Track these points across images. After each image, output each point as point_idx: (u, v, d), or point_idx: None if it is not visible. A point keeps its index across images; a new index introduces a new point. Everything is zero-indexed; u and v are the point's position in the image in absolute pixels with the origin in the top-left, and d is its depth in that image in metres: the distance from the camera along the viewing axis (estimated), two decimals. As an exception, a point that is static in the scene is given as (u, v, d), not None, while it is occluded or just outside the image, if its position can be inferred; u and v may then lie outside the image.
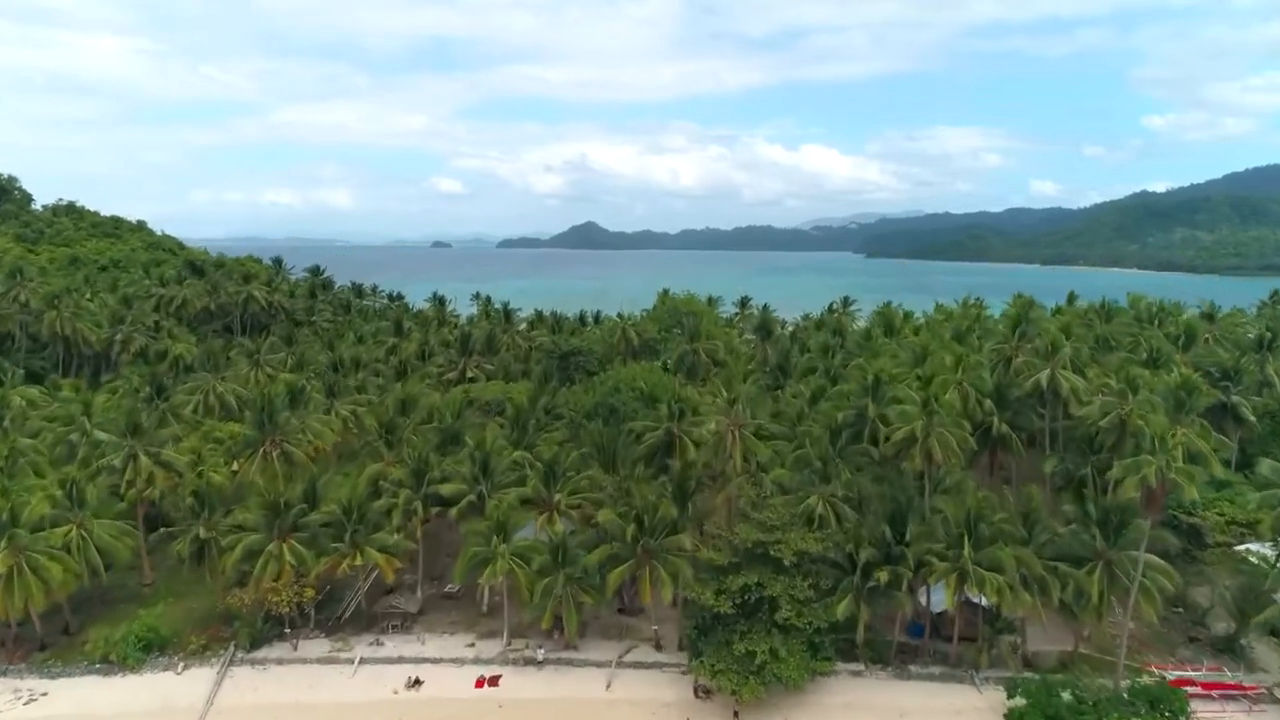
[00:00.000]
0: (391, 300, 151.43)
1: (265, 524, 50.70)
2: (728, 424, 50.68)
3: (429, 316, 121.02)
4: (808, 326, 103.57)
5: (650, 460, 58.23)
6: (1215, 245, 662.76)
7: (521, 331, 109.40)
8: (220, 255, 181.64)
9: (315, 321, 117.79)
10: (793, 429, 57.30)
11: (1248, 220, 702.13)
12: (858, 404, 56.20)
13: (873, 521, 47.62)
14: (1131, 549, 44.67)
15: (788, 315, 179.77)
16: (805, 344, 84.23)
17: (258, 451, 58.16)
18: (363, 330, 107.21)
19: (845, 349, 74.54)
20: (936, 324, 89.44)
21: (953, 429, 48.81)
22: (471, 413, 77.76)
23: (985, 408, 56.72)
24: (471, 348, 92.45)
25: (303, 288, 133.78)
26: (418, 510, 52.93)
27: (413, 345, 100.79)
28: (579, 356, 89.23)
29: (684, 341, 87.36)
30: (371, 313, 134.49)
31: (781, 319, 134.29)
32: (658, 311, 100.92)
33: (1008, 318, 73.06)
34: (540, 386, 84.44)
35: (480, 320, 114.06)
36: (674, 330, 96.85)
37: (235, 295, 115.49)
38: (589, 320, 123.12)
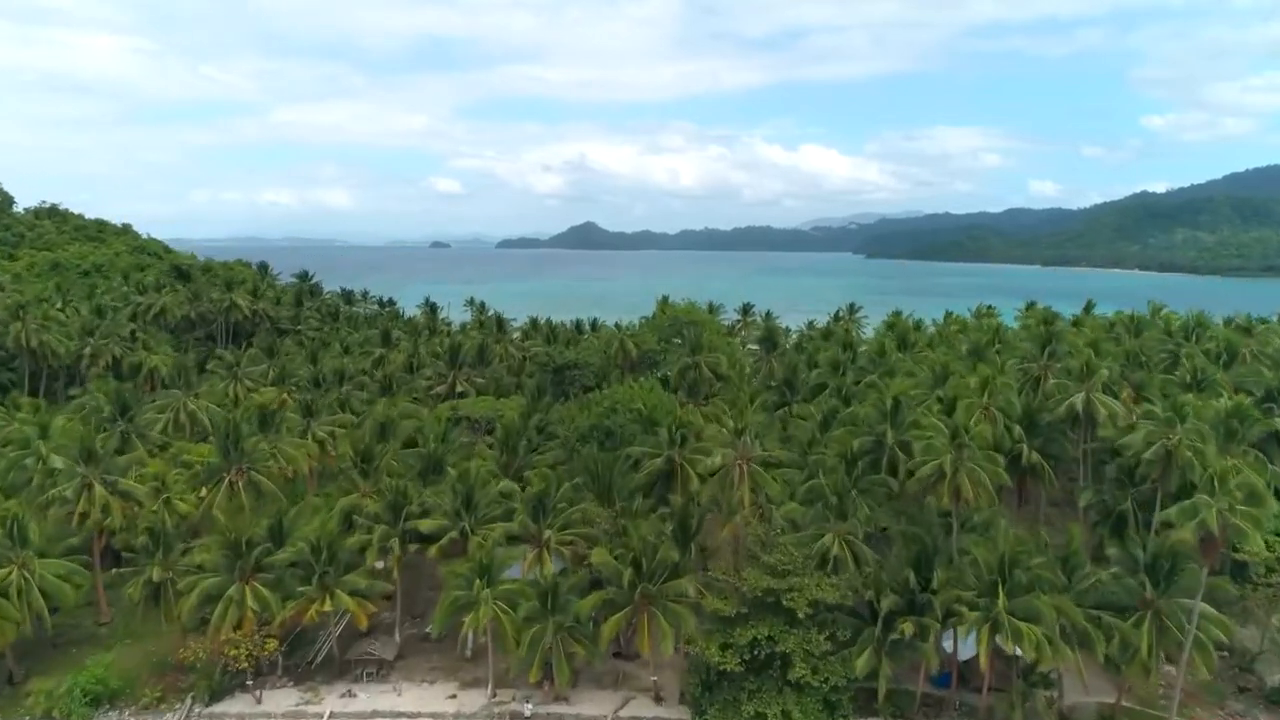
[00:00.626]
0: (382, 306, 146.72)
1: (225, 564, 46.11)
2: (734, 457, 46.16)
3: (419, 325, 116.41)
4: (814, 336, 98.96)
5: (649, 490, 53.70)
6: (1217, 246, 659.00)
7: (515, 341, 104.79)
8: (208, 259, 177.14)
9: (301, 330, 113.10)
10: (803, 456, 52.76)
11: (1249, 221, 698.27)
12: (875, 430, 51.66)
13: (895, 565, 43.09)
14: (1184, 596, 40.19)
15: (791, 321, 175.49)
16: (813, 357, 79.63)
17: (222, 481, 53.55)
18: (349, 340, 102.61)
19: (857, 365, 69.98)
20: (950, 335, 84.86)
21: (984, 463, 44.27)
22: (459, 432, 73.26)
23: (1014, 434, 52.16)
24: (461, 360, 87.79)
25: (289, 294, 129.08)
26: (394, 548, 48.34)
27: (400, 357, 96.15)
28: (574, 370, 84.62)
29: (685, 354, 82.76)
30: (361, 320, 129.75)
31: (785, 326, 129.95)
32: (657, 321, 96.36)
33: (1031, 332, 68.58)
34: (533, 402, 79.80)
35: (471, 330, 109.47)
36: (674, 341, 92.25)
37: (218, 303, 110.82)
38: (585, 329, 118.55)
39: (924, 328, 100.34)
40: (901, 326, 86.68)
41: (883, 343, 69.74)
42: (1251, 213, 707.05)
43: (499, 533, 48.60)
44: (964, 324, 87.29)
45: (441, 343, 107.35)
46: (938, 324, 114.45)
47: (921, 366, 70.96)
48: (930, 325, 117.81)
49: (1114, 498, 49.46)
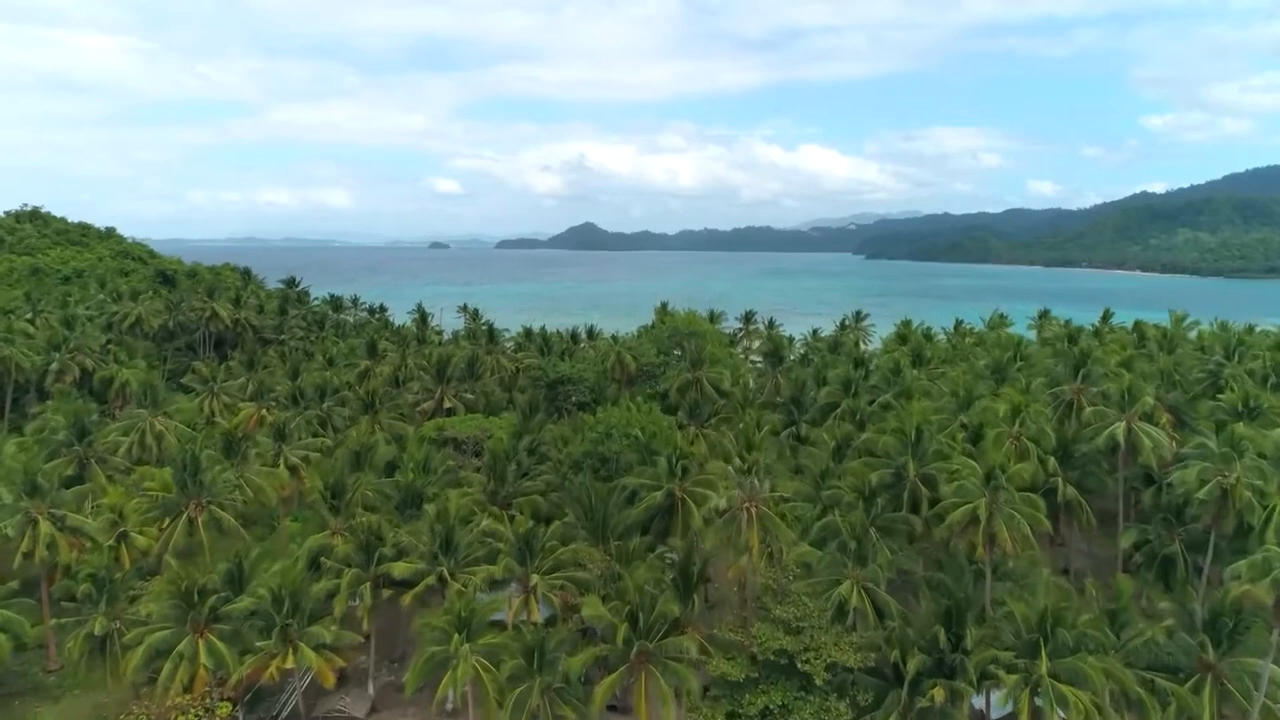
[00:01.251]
0: (372, 314, 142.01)
1: (176, 615, 41.45)
2: (742, 498, 41.59)
3: (408, 334, 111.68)
4: (820, 348, 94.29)
5: (647, 526, 49.10)
6: (1220, 247, 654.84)
7: (507, 352, 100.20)
8: (195, 264, 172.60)
9: (285, 340, 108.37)
10: (816, 489, 48.18)
11: (1250, 222, 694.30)
12: (895, 461, 47.09)
13: (921, 619, 38.50)
14: (1249, 657, 35.67)
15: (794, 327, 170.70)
16: (821, 372, 75.03)
17: (180, 517, 48.89)
18: (334, 351, 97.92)
19: (870, 383, 65.40)
20: (966, 349, 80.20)
21: (1024, 508, 39.68)
22: (445, 455, 68.50)
23: (1048, 467, 47.58)
24: (449, 375, 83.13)
25: (273, 302, 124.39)
26: (364, 595, 43.72)
27: (386, 370, 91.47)
28: (569, 385, 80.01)
29: (685, 369, 78.19)
30: (349, 328, 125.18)
31: (789, 335, 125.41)
32: (656, 332, 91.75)
33: (1057, 350, 63.93)
34: (524, 421, 75.23)
35: (462, 341, 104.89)
36: (674, 353, 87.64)
37: (198, 312, 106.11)
38: (582, 338, 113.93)
39: (935, 338, 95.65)
40: (915, 340, 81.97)
41: (897, 360, 65.14)
42: (1253, 213, 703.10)
43: (481, 577, 44.01)
44: (980, 336, 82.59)
45: (430, 354, 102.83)
46: (949, 333, 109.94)
47: (939, 385, 66.41)
48: (941, 333, 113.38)
49: (1160, 539, 44.89)
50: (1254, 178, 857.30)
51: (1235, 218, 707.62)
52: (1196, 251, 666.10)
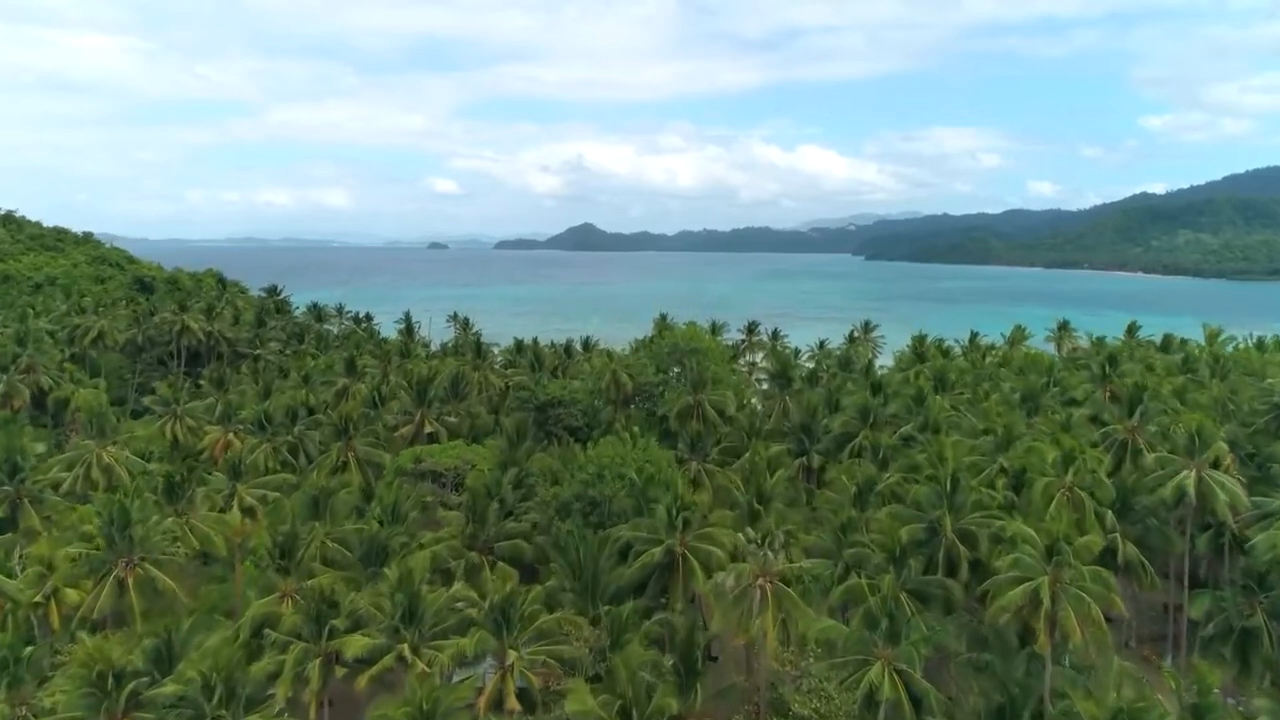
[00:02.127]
0: (357, 323, 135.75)
1: (89, 703, 35.25)
2: (755, 574, 35.48)
3: (392, 348, 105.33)
4: (830, 365, 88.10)
5: (643, 585, 42.96)
6: (1222, 249, 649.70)
7: (496, 369, 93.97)
8: (176, 270, 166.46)
9: (260, 355, 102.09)
10: (837, 545, 42.08)
11: (1252, 223, 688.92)
12: (928, 515, 41.01)
13: (969, 717, 32.38)
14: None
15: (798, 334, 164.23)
16: (834, 395, 68.96)
17: (108, 577, 42.67)
18: (311, 368, 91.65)
19: (890, 411, 59.33)
20: (989, 370, 74.10)
21: (1093, 586, 33.52)
22: (415, 499, 61.92)
23: (1106, 523, 41.45)
24: (430, 397, 76.88)
25: (251, 311, 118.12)
26: (312, 677, 37.53)
27: (365, 389, 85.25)
28: (560, 409, 73.81)
29: (685, 391, 72.04)
30: (333, 339, 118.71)
31: (794, 347, 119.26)
32: (656, 348, 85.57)
33: (1090, 371, 57.81)
34: (511, 449, 69.12)
35: (447, 357, 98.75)
36: (674, 371, 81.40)
37: (168, 325, 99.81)
38: (576, 351, 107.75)
39: (952, 354, 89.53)
40: (934, 360, 75.83)
41: (920, 388, 59.04)
42: (1254, 214, 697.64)
43: (449, 654, 37.83)
44: (1004, 355, 76.36)
45: (413, 371, 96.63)
46: (964, 348, 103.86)
47: (967, 415, 60.29)
48: (955, 346, 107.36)
49: (1238, 610, 38.82)
50: (1254, 178, 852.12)
51: (1236, 219, 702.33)
52: (1199, 253, 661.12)
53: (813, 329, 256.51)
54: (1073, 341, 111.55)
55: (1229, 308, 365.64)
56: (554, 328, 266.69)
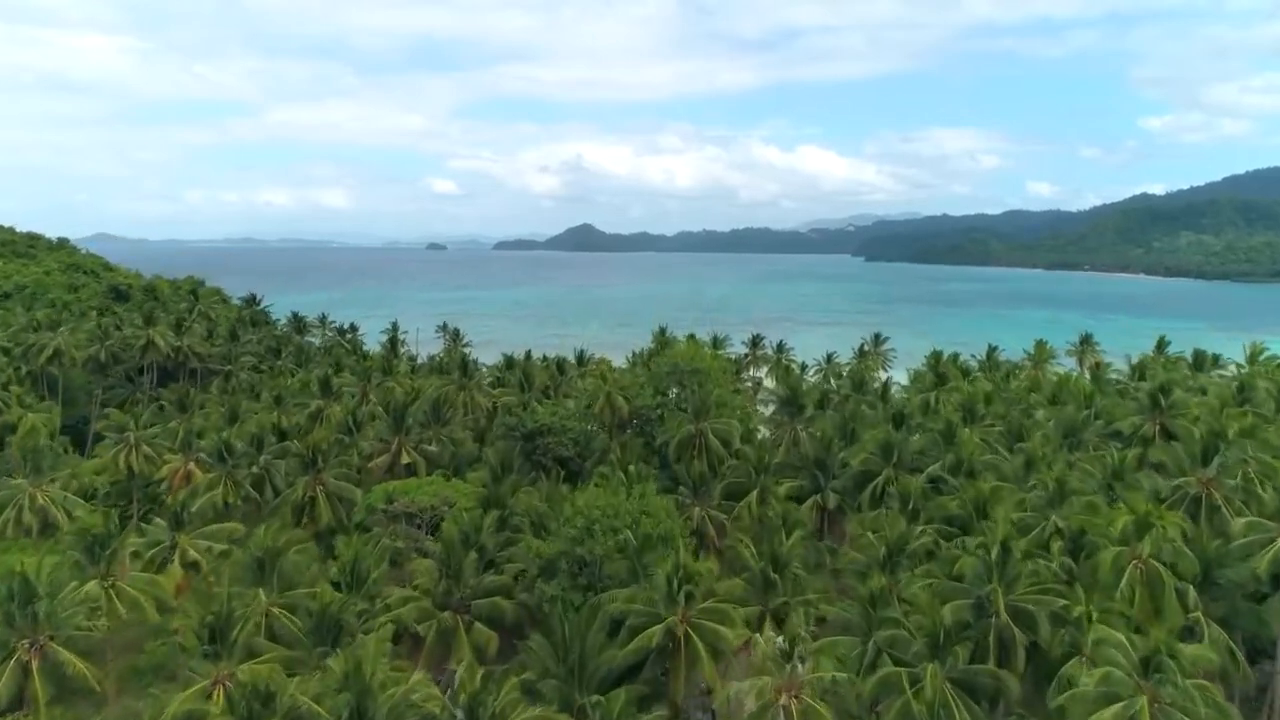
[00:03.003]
0: (341, 335, 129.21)
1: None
2: (778, 689, 29.22)
3: (374, 364, 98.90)
4: (843, 388, 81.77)
5: (638, 670, 36.66)
6: (1225, 251, 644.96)
7: (484, 388, 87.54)
8: (156, 277, 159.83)
9: (232, 372, 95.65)
10: (865, 621, 35.75)
11: (1254, 224, 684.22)
12: (975, 590, 34.74)
13: None
14: None
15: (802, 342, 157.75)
16: (849, 423, 62.73)
17: (7, 661, 36.23)
18: (284, 388, 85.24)
19: (915, 446, 53.08)
20: (1018, 395, 67.72)
21: (1201, 709, 27.18)
22: (381, 551, 55.43)
23: (1188, 601, 35.17)
24: (408, 424, 70.48)
25: (225, 324, 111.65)
26: (241, 797, 31.15)
27: (340, 412, 78.87)
28: (550, 437, 67.49)
29: (687, 419, 65.75)
30: (314, 353, 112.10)
31: (801, 361, 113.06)
32: (655, 368, 79.13)
33: (1138, 401, 51.47)
34: (495, 482, 62.96)
35: (431, 375, 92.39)
36: (674, 392, 75.05)
37: (132, 341, 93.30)
38: (570, 366, 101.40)
39: (971, 372, 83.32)
40: (961, 389, 69.35)
41: (948, 419, 52.71)
42: (1256, 216, 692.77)
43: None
44: (1032, 379, 69.98)
45: (393, 390, 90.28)
46: (982, 364, 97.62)
47: (1000, 451, 53.98)
48: (971, 359, 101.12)
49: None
50: (1254, 179, 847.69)
51: (1238, 220, 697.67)
52: (1201, 255, 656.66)
53: (816, 335, 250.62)
54: (1095, 355, 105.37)
55: (1239, 311, 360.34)
56: (550, 333, 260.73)
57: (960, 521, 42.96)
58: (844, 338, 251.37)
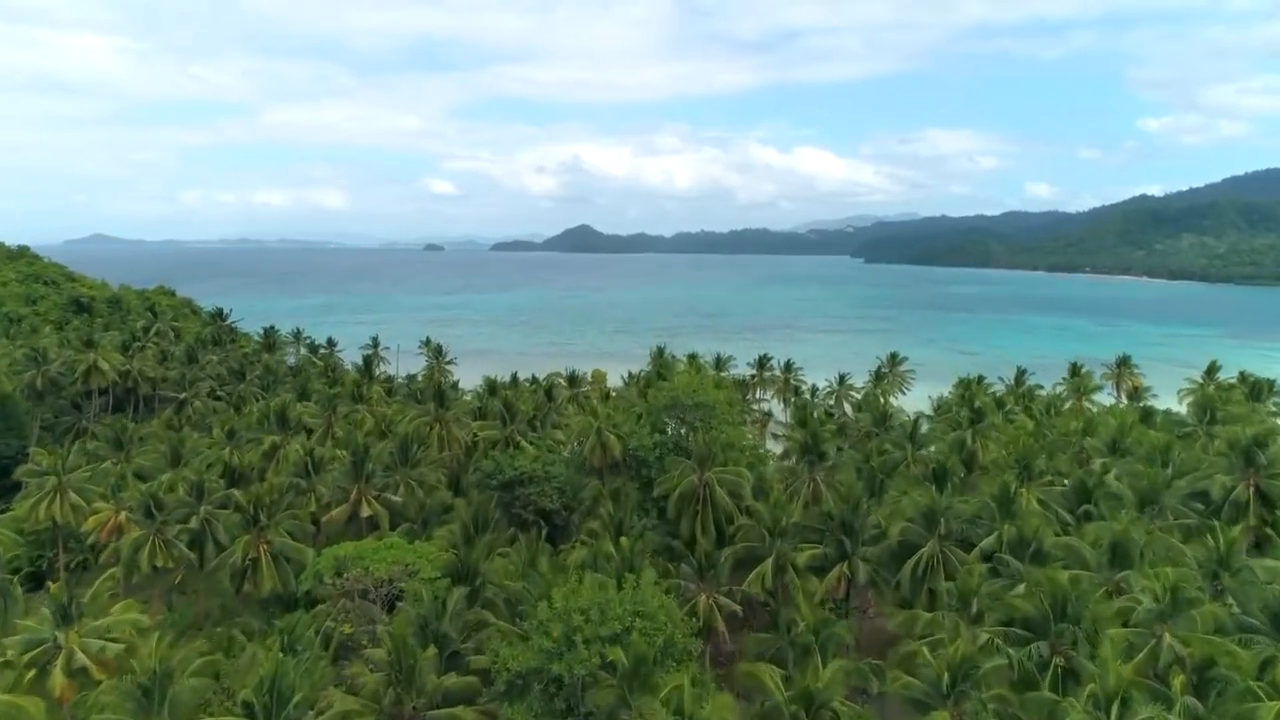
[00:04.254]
0: (314, 351, 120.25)
1: None
2: None
3: (344, 389, 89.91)
4: (864, 423, 72.81)
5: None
6: (1229, 253, 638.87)
7: (461, 419, 78.57)
8: (123, 287, 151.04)
9: (187, 399, 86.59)
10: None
11: (1256, 226, 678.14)
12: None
13: None
14: None
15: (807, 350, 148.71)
16: (876, 474, 53.97)
17: None
18: (237, 421, 76.20)
19: (966, 515, 44.29)
20: (1072, 439, 58.90)
21: None
22: (340, 613, 47.19)
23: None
24: (370, 470, 61.44)
25: (184, 344, 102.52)
26: None
27: (298, 450, 69.93)
28: (531, 488, 58.59)
29: (689, 468, 56.95)
30: (282, 375, 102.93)
31: (811, 384, 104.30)
32: (653, 399, 70.12)
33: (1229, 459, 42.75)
34: (467, 544, 54.16)
35: (406, 404, 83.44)
36: (675, 430, 66.15)
37: (72, 366, 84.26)
38: (560, 390, 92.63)
39: (1007, 406, 74.65)
40: (1005, 432, 60.50)
41: (1006, 481, 43.69)
42: (1258, 218, 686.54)
43: None
44: (1087, 420, 61.06)
45: (363, 422, 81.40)
46: (1011, 389, 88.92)
47: (1060, 515, 45.15)
48: (998, 383, 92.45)
49: None
50: (1254, 181, 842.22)
51: (1240, 222, 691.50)
52: (1205, 257, 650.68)
53: (820, 344, 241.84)
54: (1134, 378, 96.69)
55: (1250, 317, 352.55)
56: (544, 341, 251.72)
57: (1034, 623, 34.19)
58: (849, 346, 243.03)
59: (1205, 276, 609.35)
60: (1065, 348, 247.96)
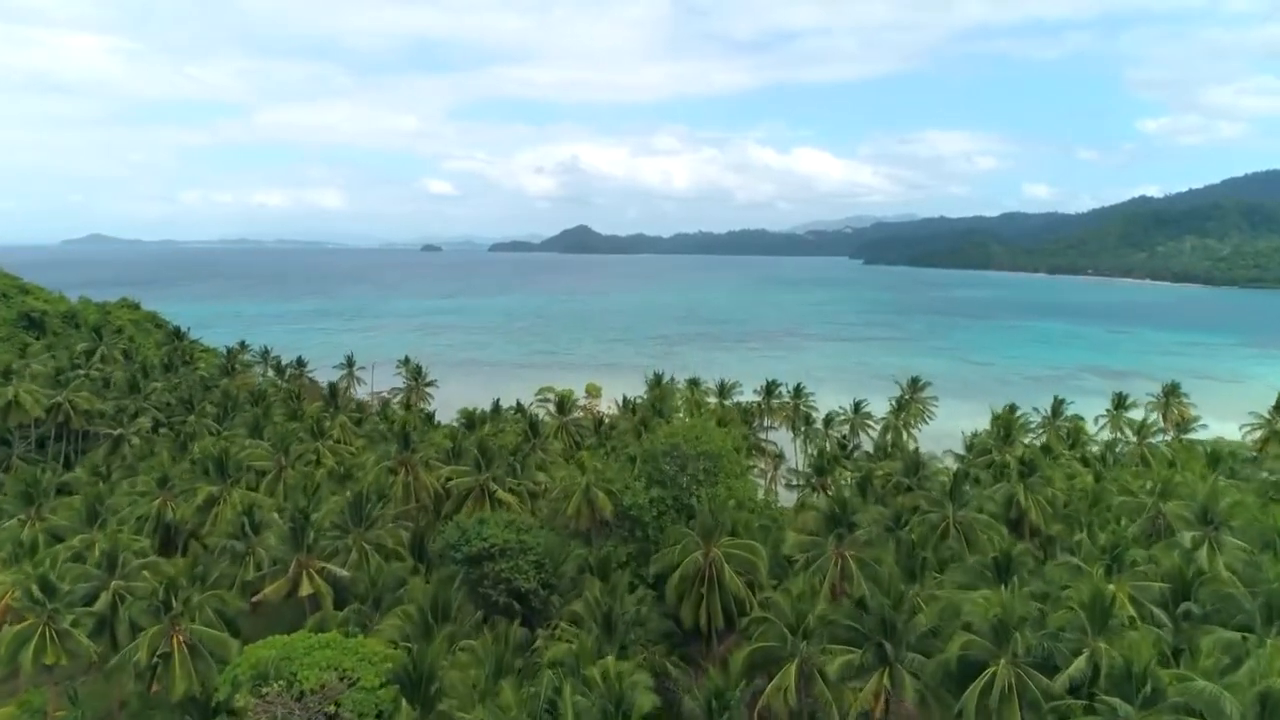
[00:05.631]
0: (281, 373, 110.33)
1: None
2: None
3: (306, 421, 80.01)
4: (889, 471, 63.07)
5: None
6: (1233, 256, 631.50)
7: (431, 462, 68.79)
8: (83, 299, 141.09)
9: (124, 436, 76.65)
10: None
11: (1258, 228, 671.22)
12: None
13: None
14: None
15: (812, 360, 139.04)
16: (919, 554, 44.45)
17: None
18: (173, 470, 66.17)
19: (1051, 630, 34.68)
20: (1142, 498, 49.26)
21: None
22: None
23: None
24: (312, 539, 51.62)
25: (133, 366, 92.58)
26: None
27: (236, 505, 60.11)
28: (502, 563, 48.87)
29: (692, 538, 47.39)
30: (243, 401, 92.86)
31: (825, 414, 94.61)
32: (649, 444, 60.37)
33: None
34: (427, 638, 44.72)
35: (370, 449, 73.74)
36: (674, 483, 56.47)
37: (-5, 397, 74.42)
38: (546, 425, 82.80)
39: (1055, 452, 65.10)
40: (1063, 488, 50.88)
41: (1097, 587, 33.92)
42: (1260, 220, 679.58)
43: None
44: (1163, 475, 51.54)
45: (322, 462, 71.78)
46: (1051, 425, 79.37)
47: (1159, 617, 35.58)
48: (1035, 416, 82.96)
49: None
50: (1253, 182, 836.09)
51: (1242, 224, 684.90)
52: (1209, 260, 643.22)
53: (825, 352, 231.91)
54: (1182, 408, 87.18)
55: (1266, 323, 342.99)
56: (538, 351, 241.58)
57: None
58: (856, 355, 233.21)
59: (1209, 279, 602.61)
60: (1079, 357, 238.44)
